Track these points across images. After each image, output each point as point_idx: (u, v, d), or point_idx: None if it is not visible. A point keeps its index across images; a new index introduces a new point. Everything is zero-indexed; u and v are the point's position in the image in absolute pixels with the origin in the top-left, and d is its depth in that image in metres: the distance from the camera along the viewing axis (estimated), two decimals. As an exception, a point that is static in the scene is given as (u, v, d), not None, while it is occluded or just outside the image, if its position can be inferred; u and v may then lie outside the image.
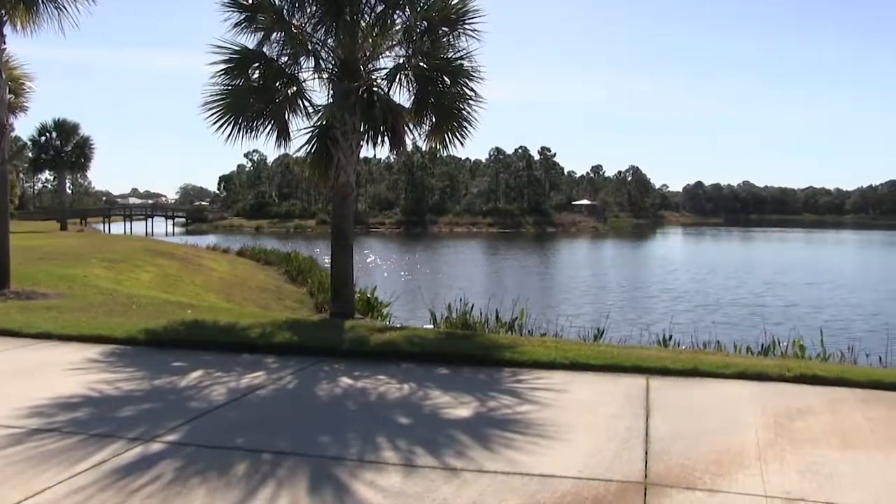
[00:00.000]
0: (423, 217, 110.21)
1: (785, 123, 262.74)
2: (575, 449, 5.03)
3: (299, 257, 31.39)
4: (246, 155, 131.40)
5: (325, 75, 11.73)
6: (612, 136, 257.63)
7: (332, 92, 11.65)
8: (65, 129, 55.92)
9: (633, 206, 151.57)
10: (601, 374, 7.23)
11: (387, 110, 11.31)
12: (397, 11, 11.57)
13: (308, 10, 11.35)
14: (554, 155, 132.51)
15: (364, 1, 11.37)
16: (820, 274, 41.70)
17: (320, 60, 11.67)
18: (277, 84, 11.65)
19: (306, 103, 11.84)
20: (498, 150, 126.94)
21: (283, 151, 12.92)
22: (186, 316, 10.57)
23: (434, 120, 11.89)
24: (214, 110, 11.23)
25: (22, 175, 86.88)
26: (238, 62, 11.35)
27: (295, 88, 11.72)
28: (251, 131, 11.58)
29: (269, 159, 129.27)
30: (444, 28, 11.50)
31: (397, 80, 11.52)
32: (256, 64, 11.53)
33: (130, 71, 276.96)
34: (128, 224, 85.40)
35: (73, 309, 11.00)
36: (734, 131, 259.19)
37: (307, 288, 25.38)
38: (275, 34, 11.48)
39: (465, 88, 11.65)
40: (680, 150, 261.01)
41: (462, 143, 12.04)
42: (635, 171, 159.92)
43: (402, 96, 11.64)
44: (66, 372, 7.18)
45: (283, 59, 11.63)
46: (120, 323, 9.63)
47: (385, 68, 11.80)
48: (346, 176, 11.60)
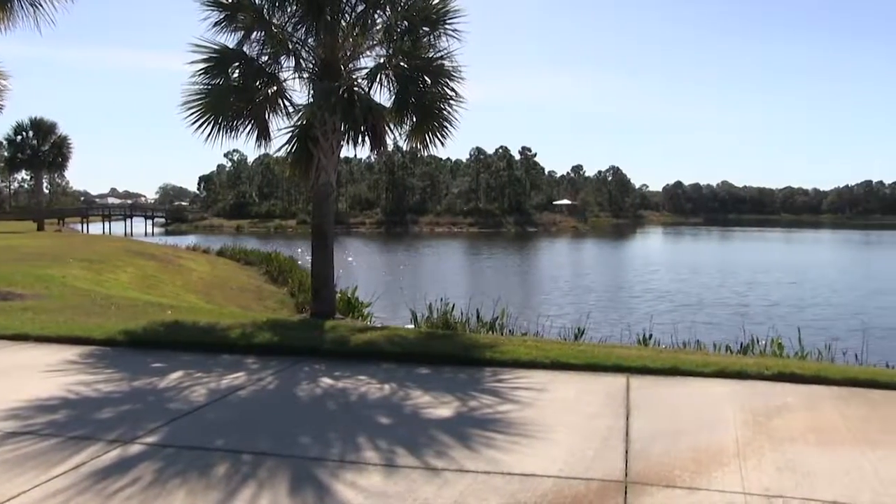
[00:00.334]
0: (404, 217, 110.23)
1: (763, 124, 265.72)
2: (556, 448, 5.05)
3: (280, 257, 31.27)
4: (226, 155, 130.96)
5: (305, 75, 11.71)
6: (593, 136, 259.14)
7: (312, 92, 11.62)
8: (42, 127, 55.19)
9: (613, 206, 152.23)
10: (582, 374, 7.25)
11: (367, 110, 11.28)
12: (378, 11, 11.57)
13: (288, 9, 11.33)
14: (534, 155, 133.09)
15: (345, 0, 11.36)
16: (800, 273, 42.10)
17: (301, 60, 11.64)
18: (257, 83, 11.61)
19: (287, 103, 11.82)
20: (479, 150, 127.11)
21: (263, 151, 12.84)
22: (166, 316, 10.49)
23: (415, 120, 11.88)
24: (194, 110, 11.16)
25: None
26: (218, 61, 11.30)
27: (275, 88, 11.68)
28: (231, 131, 11.53)
29: (250, 159, 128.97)
30: (424, 28, 11.52)
31: (378, 79, 11.54)
32: (236, 63, 11.48)
33: (109, 70, 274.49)
34: (106, 224, 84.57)
35: (50, 310, 10.88)
36: (713, 131, 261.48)
37: (288, 288, 25.31)
38: (255, 33, 11.44)
39: (445, 88, 11.66)
40: (660, 150, 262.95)
41: (443, 143, 12.06)
42: (615, 171, 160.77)
43: (382, 96, 11.67)
44: (44, 374, 7.10)
45: (264, 58, 11.60)
46: (98, 324, 9.54)
47: (366, 68, 11.84)
48: (326, 176, 11.58)
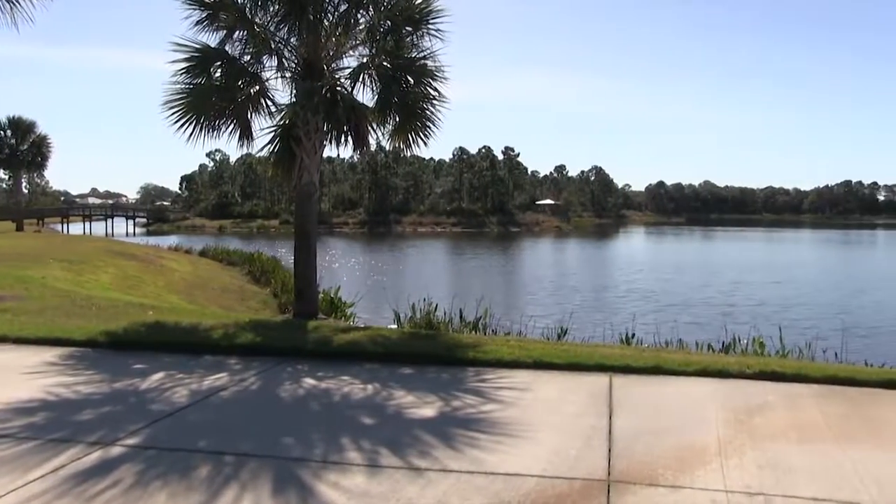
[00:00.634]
0: (387, 217, 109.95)
1: (745, 124, 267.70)
2: (539, 447, 5.06)
3: (262, 257, 31.12)
4: (208, 154, 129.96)
5: (288, 74, 11.66)
6: (576, 136, 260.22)
7: (295, 91, 11.60)
8: (20, 126, 54.50)
9: (595, 206, 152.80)
10: (565, 373, 7.27)
11: (350, 110, 11.27)
12: (361, 11, 11.57)
13: (271, 8, 11.29)
14: (517, 155, 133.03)
15: (327, 0, 11.32)
16: (784, 272, 42.45)
17: (283, 59, 11.59)
18: (240, 83, 11.56)
19: (269, 103, 11.78)
20: (462, 149, 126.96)
21: (245, 151, 12.80)
22: (148, 317, 10.41)
23: (398, 120, 11.88)
24: (175, 109, 11.10)
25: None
26: (200, 61, 11.24)
27: (257, 87, 11.64)
28: (213, 130, 11.48)
29: (232, 159, 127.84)
30: (407, 28, 11.51)
31: (361, 79, 11.52)
32: (218, 62, 11.42)
33: (90, 69, 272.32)
34: (87, 224, 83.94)
35: (29, 311, 10.76)
36: (696, 131, 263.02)
37: (271, 288, 25.20)
38: (237, 33, 11.40)
39: (428, 88, 11.67)
40: (642, 150, 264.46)
41: (426, 143, 12.09)
42: (598, 171, 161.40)
43: (365, 96, 11.66)
44: (22, 376, 7.02)
45: (246, 57, 11.56)
46: (79, 325, 9.45)
47: (348, 68, 11.81)
48: (309, 175, 11.55)
